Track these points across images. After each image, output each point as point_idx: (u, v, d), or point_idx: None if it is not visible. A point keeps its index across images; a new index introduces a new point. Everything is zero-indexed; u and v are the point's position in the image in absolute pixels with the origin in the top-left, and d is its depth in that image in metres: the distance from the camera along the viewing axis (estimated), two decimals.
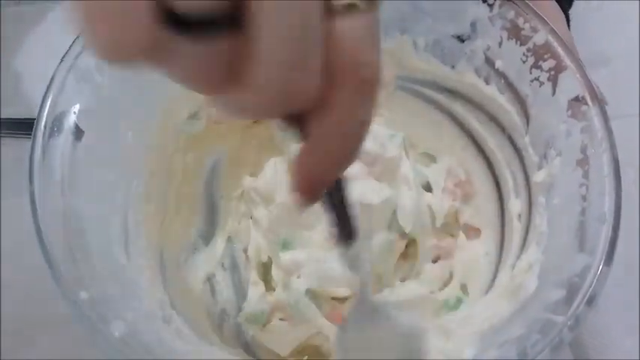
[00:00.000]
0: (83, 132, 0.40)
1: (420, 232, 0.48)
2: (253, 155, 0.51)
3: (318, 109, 0.23)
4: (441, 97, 0.51)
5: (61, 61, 0.40)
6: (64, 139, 0.39)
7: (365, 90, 0.24)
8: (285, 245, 0.48)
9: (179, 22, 0.19)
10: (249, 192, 0.50)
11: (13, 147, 0.55)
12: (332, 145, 0.24)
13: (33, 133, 0.38)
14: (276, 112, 0.23)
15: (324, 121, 0.24)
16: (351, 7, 0.22)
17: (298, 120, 0.24)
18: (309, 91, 0.22)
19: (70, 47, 0.39)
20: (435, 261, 0.49)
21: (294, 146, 0.45)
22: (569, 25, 0.53)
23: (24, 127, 0.55)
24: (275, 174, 0.49)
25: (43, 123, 0.38)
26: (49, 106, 0.39)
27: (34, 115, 0.39)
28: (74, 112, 0.39)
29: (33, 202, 0.36)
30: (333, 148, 0.24)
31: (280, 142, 0.50)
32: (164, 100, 0.45)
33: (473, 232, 0.50)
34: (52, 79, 0.39)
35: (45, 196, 0.37)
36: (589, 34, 0.62)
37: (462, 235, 0.50)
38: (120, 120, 0.42)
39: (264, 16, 0.20)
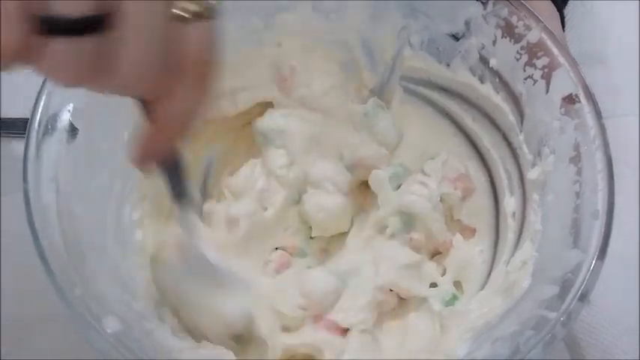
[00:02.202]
0: (78, 130, 0.40)
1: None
2: (242, 156, 0.51)
3: (163, 98, 0.30)
4: (435, 96, 0.51)
5: None
6: (59, 137, 0.39)
7: (201, 83, 0.30)
8: None
9: (52, 26, 0.24)
10: (222, 189, 0.50)
11: (13, 146, 0.55)
12: (170, 124, 0.31)
13: (27, 131, 0.38)
14: (134, 92, 0.29)
15: (166, 106, 0.30)
16: (197, 16, 0.29)
17: (148, 105, 0.30)
18: (157, 79, 0.28)
19: None
20: (431, 258, 0.49)
21: (270, 150, 0.46)
22: (563, 24, 0.53)
23: (23, 126, 0.55)
24: (251, 174, 0.49)
25: (37, 121, 0.39)
26: (43, 105, 0.39)
27: None
28: (68, 111, 0.40)
29: (27, 200, 0.36)
30: (170, 127, 0.31)
31: (259, 144, 0.50)
32: None
33: (469, 231, 0.50)
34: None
35: (39, 194, 0.37)
36: (585, 34, 0.62)
37: (458, 235, 0.50)
38: (115, 119, 0.43)
39: (131, 22, 0.25)
